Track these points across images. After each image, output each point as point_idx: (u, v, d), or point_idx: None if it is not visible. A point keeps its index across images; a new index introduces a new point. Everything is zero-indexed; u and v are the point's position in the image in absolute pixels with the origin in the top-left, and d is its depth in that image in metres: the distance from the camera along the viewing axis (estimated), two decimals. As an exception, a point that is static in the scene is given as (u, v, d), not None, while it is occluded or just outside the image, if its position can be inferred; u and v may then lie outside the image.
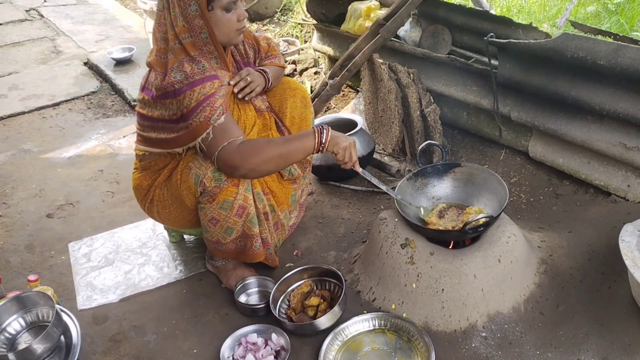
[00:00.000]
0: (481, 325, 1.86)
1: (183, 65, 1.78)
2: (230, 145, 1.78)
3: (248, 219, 1.95)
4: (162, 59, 1.85)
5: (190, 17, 1.77)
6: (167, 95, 1.80)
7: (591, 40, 2.19)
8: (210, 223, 1.95)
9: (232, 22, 1.84)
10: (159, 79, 1.82)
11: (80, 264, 2.36)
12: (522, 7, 4.28)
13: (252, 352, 1.84)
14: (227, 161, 1.80)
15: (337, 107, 3.65)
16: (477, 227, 1.85)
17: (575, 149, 2.41)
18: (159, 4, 1.84)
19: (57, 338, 1.78)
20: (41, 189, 2.94)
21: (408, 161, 2.93)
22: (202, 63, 1.81)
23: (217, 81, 1.81)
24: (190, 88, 1.76)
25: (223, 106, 1.79)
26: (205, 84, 1.77)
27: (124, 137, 3.45)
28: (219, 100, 1.78)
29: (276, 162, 1.84)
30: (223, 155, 1.79)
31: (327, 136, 1.85)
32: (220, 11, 1.80)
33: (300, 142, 1.85)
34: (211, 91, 1.77)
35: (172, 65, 1.80)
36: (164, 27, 1.82)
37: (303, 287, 2.09)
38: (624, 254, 1.68)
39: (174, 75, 1.78)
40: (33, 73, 4.47)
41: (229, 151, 1.78)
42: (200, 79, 1.77)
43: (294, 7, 5.09)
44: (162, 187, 2.00)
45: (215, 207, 1.90)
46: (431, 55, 2.86)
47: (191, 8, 1.75)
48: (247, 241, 2.00)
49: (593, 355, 1.72)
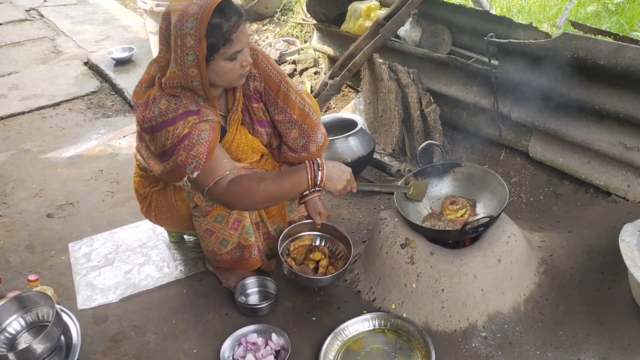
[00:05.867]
0: (481, 325, 1.86)
1: (160, 101, 1.69)
2: (218, 186, 1.69)
3: (244, 230, 1.95)
4: (146, 88, 1.77)
5: (186, 67, 1.64)
6: (146, 130, 1.73)
7: (591, 40, 2.19)
8: (206, 234, 1.95)
9: (234, 70, 1.71)
10: (139, 110, 1.75)
11: (80, 264, 2.36)
12: (522, 7, 4.27)
13: (252, 352, 1.84)
14: (219, 199, 1.75)
15: (337, 107, 3.65)
16: (477, 227, 1.85)
17: (575, 149, 2.41)
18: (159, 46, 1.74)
19: (57, 338, 1.78)
20: (41, 189, 2.94)
21: (408, 161, 2.93)
22: (181, 99, 1.69)
23: (194, 117, 1.69)
24: (164, 127, 1.67)
25: (201, 157, 1.66)
26: (177, 124, 1.66)
27: (124, 137, 3.45)
28: (195, 147, 1.65)
29: (270, 202, 1.79)
30: (212, 194, 1.73)
31: (322, 178, 1.72)
32: (222, 61, 1.67)
33: (292, 181, 1.72)
34: (184, 132, 1.66)
35: (153, 95, 1.71)
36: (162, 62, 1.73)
37: (305, 239, 2.09)
38: (624, 254, 1.68)
39: (153, 110, 1.69)
40: (33, 73, 4.47)
41: (218, 192, 1.70)
42: (172, 117, 1.67)
43: (294, 7, 5.09)
44: (160, 194, 2.02)
45: (210, 220, 1.90)
46: (431, 55, 2.86)
47: (188, 57, 1.63)
48: (244, 251, 2.00)
49: (593, 355, 1.72)
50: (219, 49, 1.64)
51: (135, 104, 1.78)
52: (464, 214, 2.06)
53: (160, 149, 1.71)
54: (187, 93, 1.71)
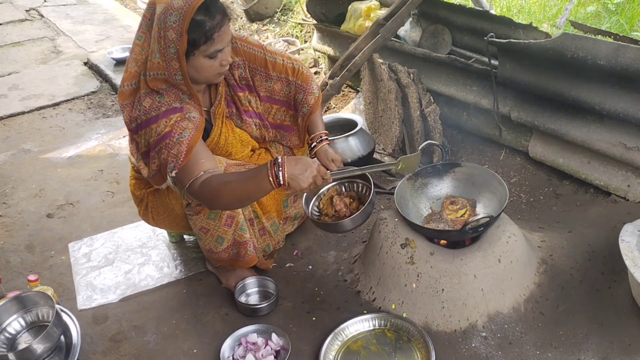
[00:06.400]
0: (481, 325, 1.86)
1: (145, 99, 1.72)
2: (192, 187, 1.69)
3: (238, 227, 1.95)
4: (128, 86, 1.78)
5: (168, 59, 1.67)
6: (133, 130, 1.77)
7: (591, 40, 2.19)
8: (201, 232, 1.96)
9: (213, 68, 1.74)
10: (126, 111, 1.77)
11: (80, 264, 2.36)
12: (522, 7, 4.27)
13: (252, 352, 1.84)
14: (196, 199, 1.79)
15: (337, 107, 3.65)
16: (477, 227, 1.85)
17: (575, 149, 2.41)
18: (137, 31, 1.76)
19: (57, 338, 1.78)
20: (41, 189, 2.94)
21: (408, 161, 2.93)
22: (164, 96, 1.72)
23: (177, 115, 1.70)
24: (148, 125, 1.71)
25: (180, 155, 1.66)
26: (160, 121, 1.69)
27: (124, 137, 3.45)
28: (175, 147, 1.67)
29: (240, 202, 1.74)
30: (190, 194, 1.76)
31: (284, 178, 1.60)
32: (202, 58, 1.69)
33: (253, 183, 1.64)
34: (165, 130, 1.68)
35: (139, 94, 1.74)
36: (139, 54, 1.75)
37: (331, 191, 2.08)
38: (624, 254, 1.68)
39: (138, 108, 1.72)
40: (33, 73, 4.48)
41: (193, 192, 1.71)
42: (155, 115, 1.70)
43: (294, 7, 5.09)
44: (155, 195, 2.02)
45: (203, 217, 1.91)
46: (431, 55, 2.86)
47: (170, 50, 1.65)
48: (240, 248, 2.00)
49: (593, 355, 1.72)
50: (200, 46, 1.66)
51: (121, 105, 1.79)
52: (464, 214, 2.06)
53: (144, 147, 1.74)
54: (171, 90, 1.73)
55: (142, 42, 1.76)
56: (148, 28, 1.72)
